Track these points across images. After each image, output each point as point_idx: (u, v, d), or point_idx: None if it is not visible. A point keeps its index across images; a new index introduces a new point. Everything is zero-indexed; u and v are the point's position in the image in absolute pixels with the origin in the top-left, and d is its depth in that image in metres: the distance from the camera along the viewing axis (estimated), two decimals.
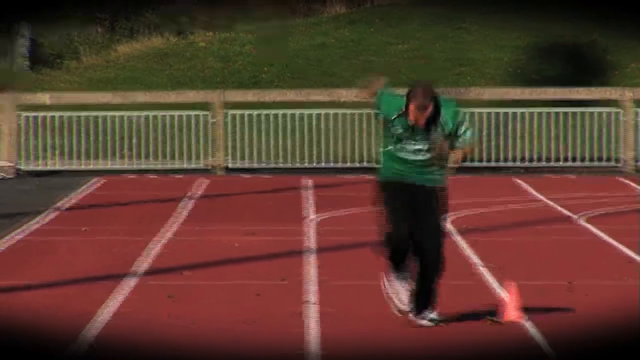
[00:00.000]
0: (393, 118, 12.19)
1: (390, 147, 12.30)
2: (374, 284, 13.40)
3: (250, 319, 14.96)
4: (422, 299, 11.81)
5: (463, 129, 12.24)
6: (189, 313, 15.51)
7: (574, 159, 33.46)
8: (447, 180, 12.05)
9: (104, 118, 34.40)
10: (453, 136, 12.27)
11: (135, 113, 34.63)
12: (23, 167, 33.61)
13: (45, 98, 35.91)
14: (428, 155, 12.18)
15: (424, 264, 11.89)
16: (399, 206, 11.94)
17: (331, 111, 33.98)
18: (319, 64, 39.15)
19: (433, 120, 12.18)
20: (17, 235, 22.17)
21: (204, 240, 21.50)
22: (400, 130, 12.18)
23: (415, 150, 12.21)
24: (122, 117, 34.52)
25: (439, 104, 12.25)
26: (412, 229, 11.82)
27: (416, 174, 12.15)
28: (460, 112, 12.38)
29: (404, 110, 12.14)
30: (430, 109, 12.06)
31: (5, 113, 34.13)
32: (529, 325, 13.28)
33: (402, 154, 12.23)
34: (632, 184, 29.98)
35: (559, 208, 25.05)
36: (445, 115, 12.23)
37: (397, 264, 11.77)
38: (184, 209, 26.03)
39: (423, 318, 11.74)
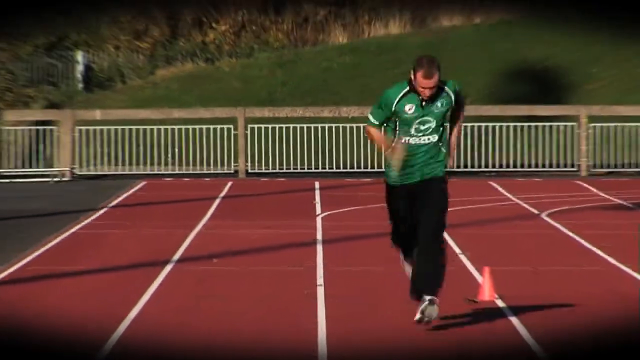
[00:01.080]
0: (399, 100, 10.95)
1: (398, 140, 11.07)
2: (371, 270, 13.27)
3: (267, 298, 14.99)
4: (418, 286, 10.90)
5: (462, 104, 11.34)
6: (218, 296, 15.51)
7: (537, 165, 33.43)
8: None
9: (145, 130, 34.33)
10: (454, 111, 11.29)
11: (171, 126, 34.55)
12: (78, 171, 33.51)
13: (97, 114, 35.88)
14: (436, 136, 11.08)
15: (425, 246, 10.94)
16: (405, 207, 11.04)
17: (334, 125, 33.91)
18: (324, 85, 39.00)
19: (439, 92, 11.05)
20: (73, 228, 22.14)
21: (229, 233, 21.45)
22: (409, 109, 10.93)
23: (425, 129, 10.98)
24: (160, 129, 34.45)
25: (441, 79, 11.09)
26: (416, 222, 11.06)
27: (421, 167, 11.03)
28: (457, 82, 11.37)
29: (407, 89, 10.98)
30: (436, 78, 10.91)
31: (64, 126, 34.08)
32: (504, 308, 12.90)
33: (411, 140, 11.00)
34: (587, 186, 29.92)
35: (526, 206, 25.02)
36: (448, 87, 11.16)
37: (405, 249, 11.20)
38: (213, 206, 25.95)
39: (420, 310, 10.73)
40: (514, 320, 13.01)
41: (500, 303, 13.58)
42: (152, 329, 13.24)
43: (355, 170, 32.90)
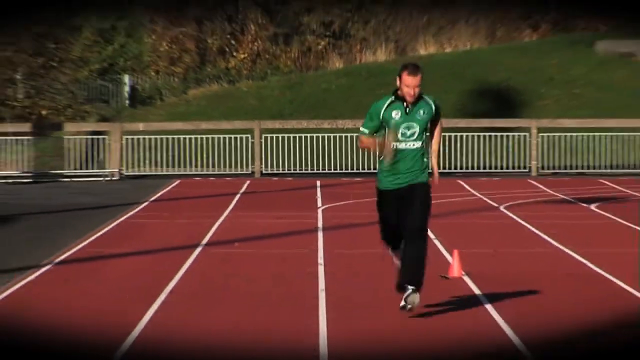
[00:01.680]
0: (386, 108, 10.46)
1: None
2: (363, 252, 13.21)
3: (279, 275, 14.99)
4: (404, 278, 10.43)
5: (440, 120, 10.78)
6: (239, 271, 15.53)
7: (497, 167, 33.40)
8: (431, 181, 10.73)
9: (179, 139, 34.31)
10: (435, 118, 10.67)
11: (200, 136, 34.53)
12: (125, 172, 33.46)
13: (140, 126, 35.85)
14: (420, 143, 10.49)
15: (410, 238, 10.41)
16: (393, 209, 10.45)
17: (332, 135, 33.88)
18: (324, 103, 38.96)
19: (420, 97, 10.50)
20: (121, 218, 22.14)
21: (247, 222, 21.44)
22: (395, 115, 10.39)
23: (409, 134, 10.39)
24: (190, 138, 34.44)
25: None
26: (402, 223, 10.46)
27: (407, 173, 10.43)
28: (435, 98, 10.80)
29: (393, 98, 10.49)
30: (420, 77, 10.45)
31: (114, 136, 34.04)
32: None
33: (397, 145, 10.38)
34: (536, 184, 29.91)
35: (488, 200, 25.00)
36: (429, 98, 10.61)
37: (392, 246, 10.67)
38: (234, 200, 25.92)
39: (404, 300, 10.35)
40: (483, 299, 12.99)
41: (467, 279, 13.61)
42: (186, 299, 13.26)
43: (350, 171, 32.82)
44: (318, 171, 33.16)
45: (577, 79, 40.09)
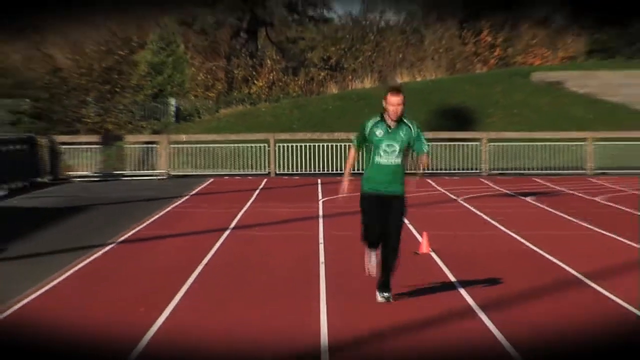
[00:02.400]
0: (372, 126, 9.76)
1: (370, 159, 9.86)
2: (353, 234, 13.26)
3: (289, 251, 15.01)
4: (382, 282, 10.02)
5: (424, 140, 9.89)
6: (258, 249, 15.54)
7: (456, 168, 33.38)
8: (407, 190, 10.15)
9: (213, 147, 34.30)
10: (415, 142, 9.84)
11: (229, 145, 34.53)
12: (171, 172, 33.47)
13: (182, 137, 35.86)
14: (399, 160, 9.78)
15: (387, 254, 9.90)
16: (374, 213, 9.82)
17: (330, 144, 33.88)
18: (324, 120, 38.96)
19: (402, 120, 9.77)
20: (168, 208, 22.17)
21: (265, 211, 21.44)
22: (379, 133, 9.69)
23: (390, 151, 9.70)
24: (221, 147, 34.45)
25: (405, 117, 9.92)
26: (381, 228, 9.87)
27: (386, 184, 9.78)
28: (416, 123, 10.02)
29: (379, 119, 9.76)
30: (402, 97, 9.72)
31: (162, 145, 34.02)
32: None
33: (379, 159, 9.76)
34: (486, 182, 29.92)
35: (449, 194, 25.02)
36: (409, 122, 9.83)
37: (371, 246, 10.01)
38: (254, 194, 25.94)
39: (382, 296, 9.99)
40: (445, 270, 13.02)
41: (434, 255, 13.63)
42: (218, 270, 13.27)
43: (343, 172, 32.90)
44: (319, 172, 33.16)
45: (516, 102, 40.13)
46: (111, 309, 10.51)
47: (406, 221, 12.62)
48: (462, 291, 11.17)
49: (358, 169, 9.91)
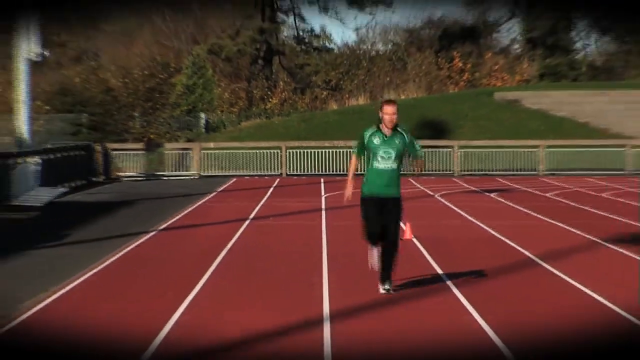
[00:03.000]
0: (370, 135, 9.20)
1: (369, 165, 9.26)
2: (353, 224, 13.23)
3: (297, 238, 15.01)
4: (383, 275, 9.36)
5: (417, 146, 9.42)
6: (273, 235, 15.52)
7: (433, 170, 33.33)
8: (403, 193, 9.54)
9: (236, 153, 34.27)
10: (410, 148, 9.35)
11: (248, 151, 34.52)
12: (201, 173, 33.47)
13: (211, 145, 35.80)
14: (395, 165, 9.21)
15: (386, 249, 9.27)
16: (373, 214, 9.19)
17: (331, 150, 33.87)
18: (326, 131, 38.85)
19: (396, 129, 9.24)
20: (199, 202, 22.15)
21: (278, 205, 21.42)
22: (376, 141, 9.12)
23: (387, 157, 9.13)
24: (243, 152, 34.42)
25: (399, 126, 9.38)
26: (380, 229, 9.25)
27: (384, 187, 9.17)
28: (409, 132, 9.48)
29: (376, 129, 9.21)
30: (395, 108, 9.24)
31: (195, 150, 33.99)
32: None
33: (377, 165, 9.17)
34: (458, 181, 29.90)
35: (428, 191, 25.01)
36: (402, 131, 9.31)
37: (372, 243, 9.38)
38: (269, 191, 25.93)
39: (383, 288, 9.32)
40: (425, 252, 13.01)
41: (415, 241, 13.61)
42: (240, 253, 13.28)
43: (341, 172, 32.74)
44: (322, 173, 33.15)
45: (482, 116, 40.06)
46: (151, 285, 10.57)
47: None
48: (439, 270, 11.21)
49: (361, 169, 9.80)
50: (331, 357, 7.10)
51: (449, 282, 10.27)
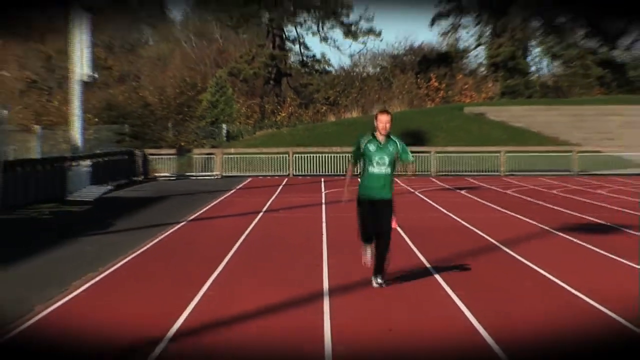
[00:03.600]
0: (366, 142, 8.51)
1: (365, 170, 8.54)
2: (350, 215, 13.18)
3: (302, 227, 14.98)
4: (376, 269, 8.67)
5: (408, 152, 8.70)
6: (282, 225, 15.46)
7: (414, 171, 33.27)
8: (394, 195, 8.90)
9: (252, 158, 34.27)
10: (402, 154, 8.65)
11: (261, 155, 34.53)
12: (223, 174, 33.47)
13: (231, 150, 35.75)
14: (389, 170, 8.54)
15: (380, 245, 8.62)
16: (368, 214, 8.55)
17: (330, 154, 33.87)
18: (325, 139, 38.81)
19: (389, 137, 8.56)
20: (221, 197, 22.14)
21: (286, 199, 21.39)
22: (372, 148, 8.41)
23: (381, 162, 8.43)
24: (257, 157, 34.46)
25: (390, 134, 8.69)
26: (375, 228, 8.60)
27: (378, 190, 8.49)
28: (401, 140, 8.79)
29: (371, 137, 8.50)
30: (389, 117, 8.54)
31: (218, 155, 33.95)
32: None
33: (372, 170, 8.46)
34: (435, 180, 29.85)
35: (409, 188, 24.98)
36: (395, 138, 8.63)
37: (366, 242, 8.79)
38: (279, 188, 25.90)
39: (376, 282, 8.64)
40: (407, 239, 12.99)
41: (399, 229, 13.57)
42: (255, 239, 13.25)
43: (338, 173, 32.73)
44: (322, 174, 33.15)
45: (454, 127, 40.03)
46: (182, 267, 10.56)
47: None
48: (418, 254, 11.21)
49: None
50: (330, 325, 7.09)
51: (425, 262, 10.28)
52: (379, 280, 8.60)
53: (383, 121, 8.46)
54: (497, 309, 7.69)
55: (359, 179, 8.63)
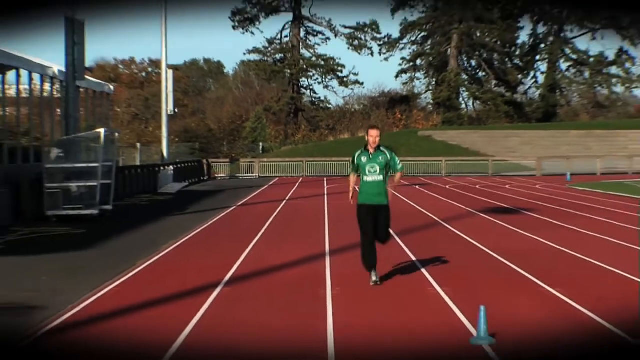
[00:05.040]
0: (358, 155, 6.57)
1: (362, 179, 6.58)
2: (344, 203, 13.05)
3: (311, 209, 14.86)
4: (375, 268, 6.46)
5: (398, 161, 6.67)
6: (299, 207, 15.27)
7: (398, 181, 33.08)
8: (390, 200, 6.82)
9: (278, 164, 34.06)
10: (391, 163, 6.60)
11: (285, 163, 34.39)
12: (260, 175, 33.34)
13: (265, 159, 35.60)
14: (381, 177, 6.54)
15: (379, 243, 6.54)
16: (366, 216, 6.48)
17: (329, 162, 33.79)
18: (327, 152, 38.59)
19: (379, 148, 6.54)
20: (259, 190, 22.04)
21: (301, 192, 21.18)
22: (363, 159, 6.50)
23: (373, 171, 6.49)
24: (282, 163, 34.34)
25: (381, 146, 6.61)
26: (373, 229, 6.48)
27: (374, 196, 6.53)
28: (391, 151, 6.70)
29: (363, 150, 6.52)
30: (378, 132, 6.59)
31: (256, 162, 33.90)
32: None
33: (366, 178, 6.52)
34: (422, 178, 29.66)
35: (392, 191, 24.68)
36: (385, 150, 6.57)
37: (369, 268, 6.38)
38: (296, 185, 25.73)
39: (371, 280, 6.37)
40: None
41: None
42: (282, 216, 13.08)
43: (336, 175, 32.61)
44: (324, 175, 32.97)
45: (412, 144, 39.78)
46: (234, 235, 10.49)
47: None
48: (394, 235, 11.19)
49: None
50: (329, 269, 7.15)
51: (392, 233, 10.30)
52: (374, 279, 6.34)
53: (373, 135, 6.49)
54: (437, 258, 7.79)
55: (358, 189, 6.63)
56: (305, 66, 50.13)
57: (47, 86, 15.52)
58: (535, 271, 6.78)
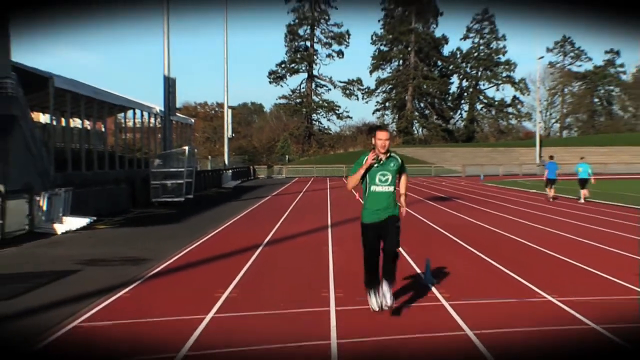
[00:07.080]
0: (366, 159, 3.35)
1: (368, 191, 3.40)
2: (345, 194, 11.63)
3: (318, 198, 14.37)
4: (381, 276, 3.32)
5: (406, 170, 3.50)
6: (312, 198, 14.79)
7: None
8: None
9: (297, 169, 33.61)
10: (401, 169, 3.44)
11: (302, 168, 33.89)
12: (286, 176, 32.86)
13: (289, 166, 35.15)
14: (392, 188, 3.37)
15: (387, 258, 3.29)
16: (372, 239, 3.31)
17: (331, 167, 33.34)
18: (330, 161, 37.75)
19: (389, 154, 3.41)
20: (286, 185, 21.62)
21: (312, 187, 20.50)
22: (374, 166, 3.35)
23: (384, 180, 3.35)
24: (300, 168, 33.93)
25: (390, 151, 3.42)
26: (379, 251, 3.33)
27: (384, 211, 3.34)
28: (401, 157, 3.48)
29: (370, 153, 3.35)
30: (388, 134, 3.41)
31: (284, 168, 33.40)
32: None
33: (375, 188, 3.36)
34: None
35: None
36: (396, 155, 3.43)
37: (369, 285, 3.34)
38: (309, 183, 24.96)
39: (377, 302, 3.35)
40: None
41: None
42: (301, 204, 12.49)
43: (336, 176, 32.03)
44: (327, 176, 32.26)
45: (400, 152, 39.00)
46: (267, 218, 9.26)
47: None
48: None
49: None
50: (331, 239, 7.04)
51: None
52: (388, 303, 3.33)
53: (382, 138, 3.47)
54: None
55: (363, 202, 3.54)
56: (315, 107, 50.60)
57: (152, 120, 17.73)
58: (462, 238, 6.77)
